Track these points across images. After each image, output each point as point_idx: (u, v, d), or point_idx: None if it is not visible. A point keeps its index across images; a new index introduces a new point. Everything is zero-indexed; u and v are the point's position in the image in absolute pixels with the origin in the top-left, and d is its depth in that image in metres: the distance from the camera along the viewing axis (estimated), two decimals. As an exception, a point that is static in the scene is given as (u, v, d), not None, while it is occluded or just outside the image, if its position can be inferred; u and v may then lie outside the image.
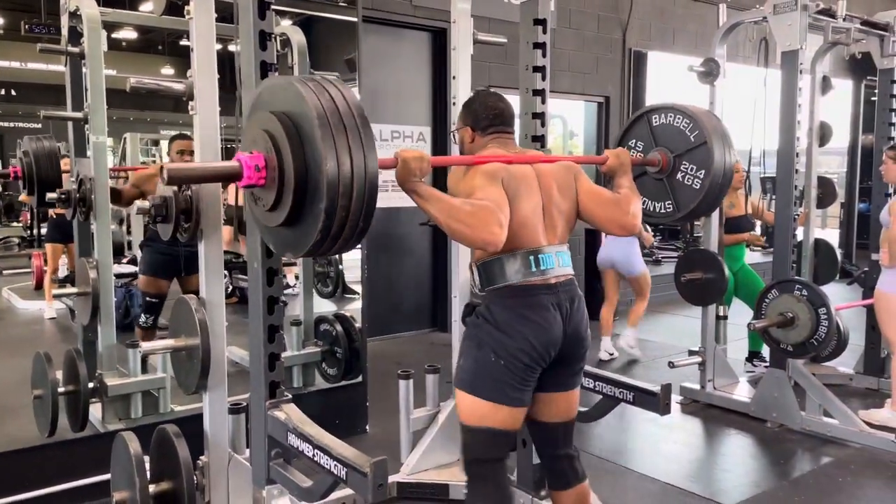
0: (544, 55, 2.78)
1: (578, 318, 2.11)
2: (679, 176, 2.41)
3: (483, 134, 2.20)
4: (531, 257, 2.03)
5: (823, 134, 4.59)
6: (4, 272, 7.04)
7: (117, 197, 3.80)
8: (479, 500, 2.07)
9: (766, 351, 4.39)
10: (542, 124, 2.81)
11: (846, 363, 4.65)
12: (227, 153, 2.46)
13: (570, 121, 8.05)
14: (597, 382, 2.58)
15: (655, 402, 2.42)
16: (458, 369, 2.13)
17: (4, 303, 6.72)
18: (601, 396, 2.57)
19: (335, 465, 1.92)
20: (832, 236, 8.83)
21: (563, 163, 2.22)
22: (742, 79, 4.23)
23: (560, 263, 2.08)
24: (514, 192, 2.01)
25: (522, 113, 2.83)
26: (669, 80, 4.38)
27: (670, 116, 2.41)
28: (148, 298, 4.02)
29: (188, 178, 2.05)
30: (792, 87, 3.74)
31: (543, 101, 2.80)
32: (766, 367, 4.25)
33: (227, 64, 2.35)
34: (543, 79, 2.79)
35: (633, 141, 2.52)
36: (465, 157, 2.11)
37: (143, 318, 4.02)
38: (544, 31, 2.77)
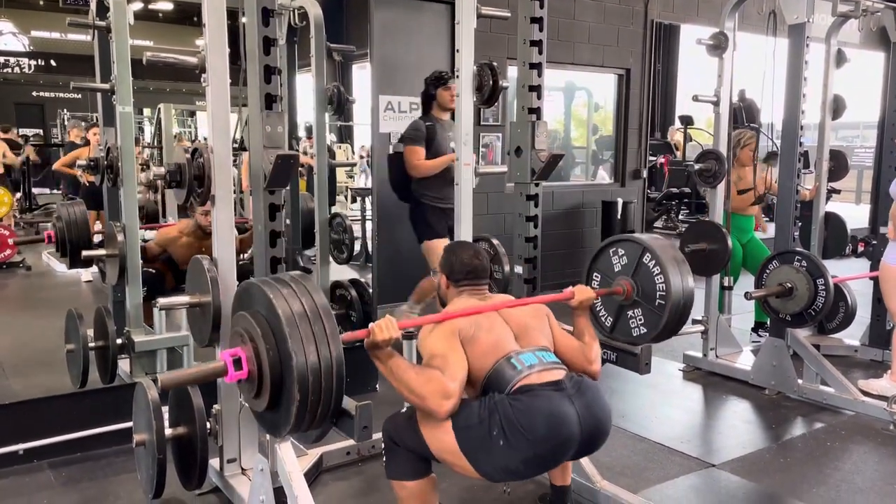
0: (541, 30, 2.89)
1: (598, 408, 2.12)
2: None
3: (456, 286, 2.42)
4: (511, 360, 2.16)
5: (837, 107, 4.61)
6: (45, 237, 7.39)
7: (142, 254, 3.92)
8: (397, 466, 2.22)
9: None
10: (539, 97, 2.92)
11: (853, 335, 4.72)
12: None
13: (596, 93, 8.05)
14: (583, 343, 2.72)
15: (636, 361, 2.56)
16: (464, 430, 2.06)
17: (44, 266, 7.07)
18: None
19: (327, 409, 2.10)
20: (865, 212, 8.69)
21: (533, 305, 2.42)
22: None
23: (543, 360, 2.18)
24: (474, 334, 2.17)
25: (520, 86, 2.95)
26: (699, 52, 4.33)
27: (629, 248, 2.54)
28: None
29: (181, 383, 2.33)
30: (798, 60, 3.76)
31: (540, 75, 2.91)
32: (770, 337, 4.31)
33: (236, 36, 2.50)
34: (540, 53, 2.90)
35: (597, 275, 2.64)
36: (430, 317, 2.28)
37: None
38: (541, 6, 2.88)
